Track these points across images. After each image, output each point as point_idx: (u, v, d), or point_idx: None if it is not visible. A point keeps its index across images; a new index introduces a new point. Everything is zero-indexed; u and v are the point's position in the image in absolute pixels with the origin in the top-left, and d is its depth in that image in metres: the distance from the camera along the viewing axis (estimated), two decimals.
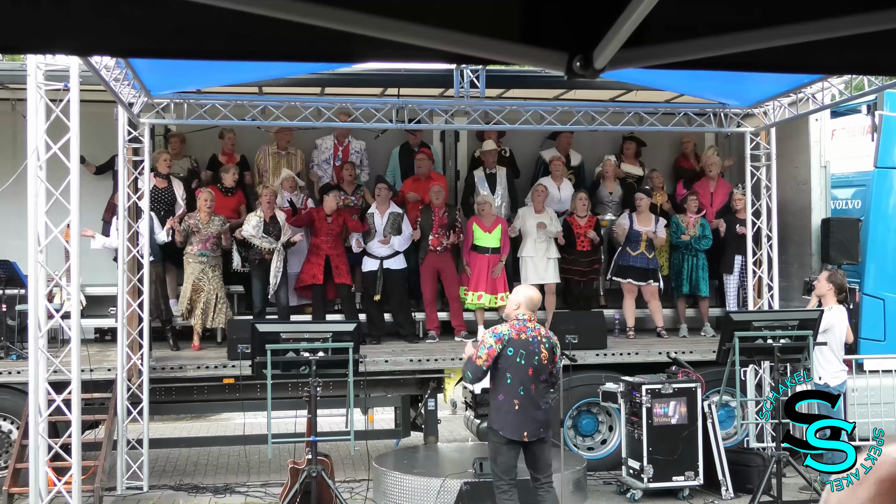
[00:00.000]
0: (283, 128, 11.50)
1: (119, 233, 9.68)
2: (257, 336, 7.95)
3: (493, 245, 11.63)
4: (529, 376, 7.25)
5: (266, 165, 12.18)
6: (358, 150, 12.47)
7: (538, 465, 7.42)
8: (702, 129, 11.31)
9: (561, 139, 12.89)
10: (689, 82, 9.92)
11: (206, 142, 12.23)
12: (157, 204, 11.07)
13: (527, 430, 7.25)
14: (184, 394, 10.32)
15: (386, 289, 11.57)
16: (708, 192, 12.46)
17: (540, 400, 7.33)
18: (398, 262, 11.68)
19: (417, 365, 10.46)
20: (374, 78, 11.23)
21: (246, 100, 10.09)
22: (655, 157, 13.42)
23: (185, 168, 12.08)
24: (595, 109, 10.70)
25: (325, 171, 12.37)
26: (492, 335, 7.32)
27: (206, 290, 10.77)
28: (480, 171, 12.46)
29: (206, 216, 10.88)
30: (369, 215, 11.62)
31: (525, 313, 7.39)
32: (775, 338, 8.65)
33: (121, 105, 9.03)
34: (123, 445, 9.52)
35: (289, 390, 9.74)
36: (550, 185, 12.42)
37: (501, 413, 7.28)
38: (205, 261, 10.82)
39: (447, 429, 12.47)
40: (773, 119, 10.52)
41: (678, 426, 9.27)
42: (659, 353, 10.76)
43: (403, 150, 12.66)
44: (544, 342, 7.33)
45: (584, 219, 11.93)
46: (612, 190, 12.67)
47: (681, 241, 11.96)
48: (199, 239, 10.80)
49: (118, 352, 9.52)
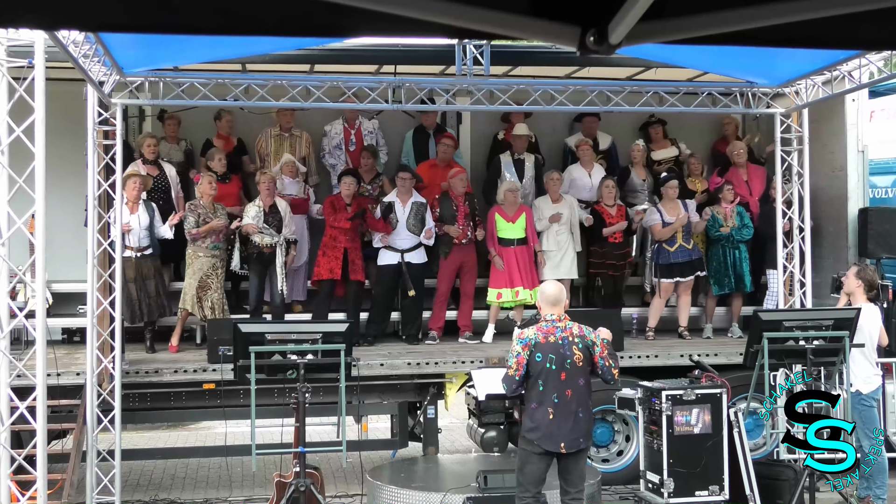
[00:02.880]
0: (284, 108, 11.50)
1: (88, 224, 9.68)
2: (240, 337, 7.95)
3: (518, 236, 11.65)
4: (563, 381, 7.30)
5: (268, 149, 12.20)
6: (371, 131, 12.52)
7: (571, 478, 7.45)
8: (727, 111, 11.31)
9: (586, 122, 12.91)
10: (713, 59, 9.91)
11: (200, 126, 12.26)
12: (151, 193, 11.09)
13: (564, 441, 7.31)
14: (159, 400, 10.33)
15: (404, 284, 11.59)
16: (742, 182, 12.44)
17: (578, 407, 7.37)
18: (419, 256, 11.71)
19: (416, 369, 10.48)
20: (369, 54, 11.24)
21: (228, 78, 10.07)
22: (691, 139, 13.41)
23: (180, 152, 12.11)
24: (610, 89, 10.69)
25: (337, 157, 12.38)
26: (518, 341, 7.41)
27: (213, 287, 10.79)
28: (508, 155, 12.49)
29: (211, 203, 10.89)
30: (388, 204, 11.61)
31: (553, 313, 7.44)
32: (808, 339, 8.64)
33: (90, 84, 9.02)
34: (93, 457, 9.52)
35: (275, 396, 9.74)
36: (580, 172, 12.47)
37: (536, 423, 7.35)
38: (217, 255, 10.87)
39: (448, 439, 12.48)
40: (806, 99, 10.50)
41: (701, 436, 9.26)
42: (681, 355, 10.77)
43: (417, 133, 12.68)
44: (577, 342, 7.38)
45: (614, 207, 11.96)
46: (644, 177, 12.72)
47: (720, 233, 11.94)
48: (210, 231, 10.82)
49: (88, 354, 9.50)
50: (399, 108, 10.54)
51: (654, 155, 12.98)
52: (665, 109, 11.00)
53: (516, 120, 12.50)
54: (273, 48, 9.84)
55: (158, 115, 12.23)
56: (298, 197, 11.89)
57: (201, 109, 11.68)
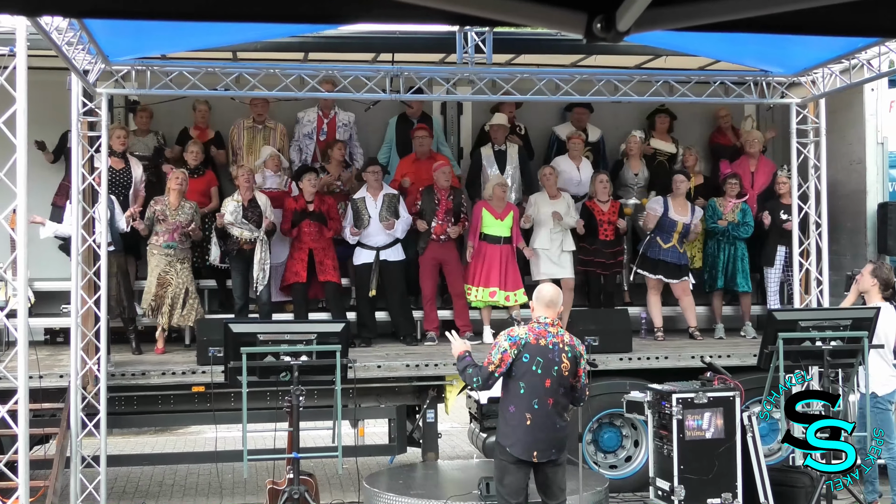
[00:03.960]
0: (257, 98, 11.46)
1: (73, 219, 9.66)
2: (231, 337, 7.95)
3: (504, 234, 11.61)
4: (546, 388, 7.24)
5: (241, 142, 12.16)
6: (346, 123, 12.46)
7: (549, 490, 7.41)
8: (741, 101, 11.30)
9: (576, 113, 12.89)
10: (726, 47, 9.90)
11: (176, 116, 12.23)
12: (113, 188, 11.05)
13: (537, 450, 7.24)
14: (147, 404, 10.32)
15: (382, 284, 11.57)
16: (748, 172, 12.45)
17: (556, 417, 7.31)
18: (396, 253, 11.68)
19: (415, 371, 10.47)
20: (365, 42, 11.23)
21: (218, 66, 10.06)
22: (686, 132, 13.42)
23: (150, 146, 12.07)
24: (618, 78, 10.69)
25: (307, 146, 12.35)
26: (507, 338, 7.32)
27: (173, 284, 10.78)
28: (488, 147, 12.45)
29: (176, 201, 10.86)
30: (359, 200, 11.58)
31: (547, 316, 7.38)
32: (825, 339, 8.64)
33: (74, 73, 9.02)
34: (78, 463, 9.53)
35: (267, 400, 9.75)
36: (568, 165, 12.42)
37: (511, 427, 7.28)
38: (172, 253, 10.83)
39: (448, 444, 12.50)
40: (823, 89, 10.50)
41: (714, 441, 9.26)
42: (692, 356, 10.77)
43: (401, 121, 12.64)
44: (566, 351, 7.31)
45: (606, 204, 11.93)
46: (637, 171, 12.67)
47: (717, 226, 11.95)
48: (166, 228, 10.79)
49: (71, 356, 9.51)
50: (397, 97, 10.53)
51: (652, 142, 12.94)
52: (676, 100, 10.99)
53: (509, 109, 12.46)
54: (265, 35, 9.83)
55: (128, 107, 12.19)
56: (280, 190, 11.88)
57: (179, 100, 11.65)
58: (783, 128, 12.01)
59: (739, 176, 12.17)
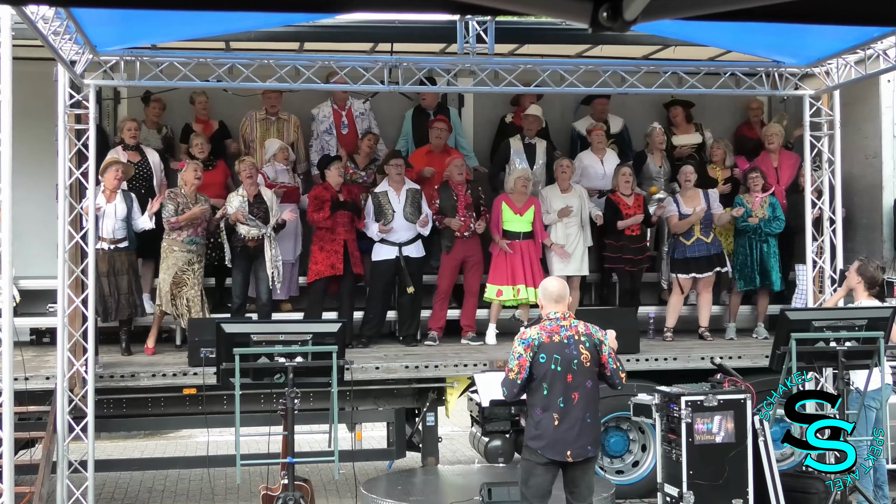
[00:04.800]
0: (270, 89, 11.49)
1: (59, 215, 9.66)
2: (224, 338, 7.94)
3: (524, 229, 11.65)
4: (569, 384, 7.27)
5: (253, 134, 12.18)
6: (363, 112, 12.54)
7: (578, 491, 7.43)
8: (752, 92, 11.30)
9: (596, 104, 12.90)
10: (737, 36, 9.90)
11: (185, 106, 12.26)
12: (132, 182, 11.08)
13: (570, 449, 7.27)
14: (136, 407, 10.32)
15: (400, 280, 11.60)
16: (771, 168, 12.44)
17: (586, 411, 7.34)
18: (417, 250, 11.72)
19: (414, 372, 10.48)
20: (363, 32, 11.23)
21: (210, 57, 10.05)
22: (712, 123, 13.40)
23: (158, 139, 12.10)
24: (625, 69, 10.67)
25: (328, 143, 12.36)
26: (520, 342, 7.37)
27: (189, 284, 10.78)
28: (518, 140, 12.48)
29: (193, 193, 10.88)
30: (381, 194, 11.58)
31: (557, 311, 7.41)
32: (839, 340, 8.63)
33: (61, 63, 9.02)
34: (64, 468, 9.53)
35: (261, 403, 9.74)
36: (591, 159, 12.44)
37: (541, 429, 7.32)
38: (194, 249, 10.86)
39: (449, 448, 12.50)
40: (837, 80, 10.50)
41: (724, 445, 9.26)
42: (701, 357, 10.78)
43: (417, 113, 12.66)
44: (583, 341, 7.35)
45: (630, 197, 11.94)
46: (661, 164, 12.70)
47: (748, 224, 11.93)
48: (189, 222, 10.80)
49: (58, 357, 9.50)
50: (396, 89, 10.52)
51: (674, 140, 12.95)
52: (685, 91, 10.98)
53: (528, 101, 12.48)
54: (259, 25, 9.83)
55: (143, 98, 12.20)
56: (290, 185, 11.88)
57: (181, 93, 11.69)
58: (796, 121, 12.01)
59: (760, 168, 12.16)
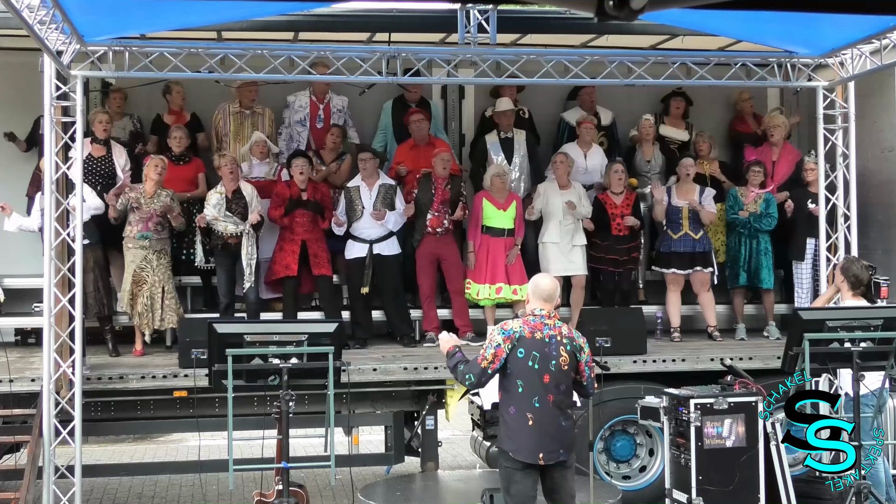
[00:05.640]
0: (247, 82, 11.46)
1: (46, 211, 9.64)
2: (216, 338, 7.94)
3: (507, 226, 11.64)
4: (545, 385, 7.25)
5: (226, 128, 12.15)
6: (340, 109, 12.48)
7: (558, 496, 7.41)
8: (764, 84, 11.30)
9: (583, 95, 12.88)
10: (748, 26, 9.90)
11: (153, 97, 12.20)
12: (92, 176, 11.05)
13: (543, 452, 7.25)
14: (125, 410, 10.31)
15: (376, 280, 11.56)
16: (769, 161, 12.44)
17: (560, 414, 7.32)
18: (391, 247, 11.68)
19: (413, 374, 10.47)
20: (360, 21, 11.21)
21: (201, 47, 10.04)
22: (702, 118, 13.41)
23: (125, 130, 12.06)
24: (632, 60, 10.66)
25: (299, 134, 12.34)
26: (500, 332, 7.33)
27: (149, 281, 10.78)
28: (494, 135, 12.45)
29: (153, 188, 10.85)
30: (353, 189, 11.58)
31: (542, 308, 7.39)
32: (854, 340, 8.62)
33: (47, 53, 9.01)
34: (51, 473, 9.53)
35: (254, 406, 9.75)
36: (575, 151, 12.39)
37: (513, 430, 7.29)
38: (147, 245, 10.82)
39: (449, 453, 12.51)
40: (852, 71, 10.50)
41: (735, 449, 9.26)
42: (711, 359, 10.79)
43: (397, 105, 12.63)
44: (565, 344, 7.32)
45: (620, 196, 11.92)
46: (650, 157, 12.67)
47: (738, 218, 11.95)
48: (140, 217, 10.80)
49: (44, 358, 9.51)
50: (393, 80, 10.50)
51: (662, 129, 12.93)
52: (693, 83, 10.96)
53: (504, 93, 12.44)
54: (252, 14, 9.82)
55: (101, 89, 12.17)
56: (267, 179, 11.86)
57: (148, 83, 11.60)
58: (809, 113, 12.00)
59: (764, 164, 12.16)
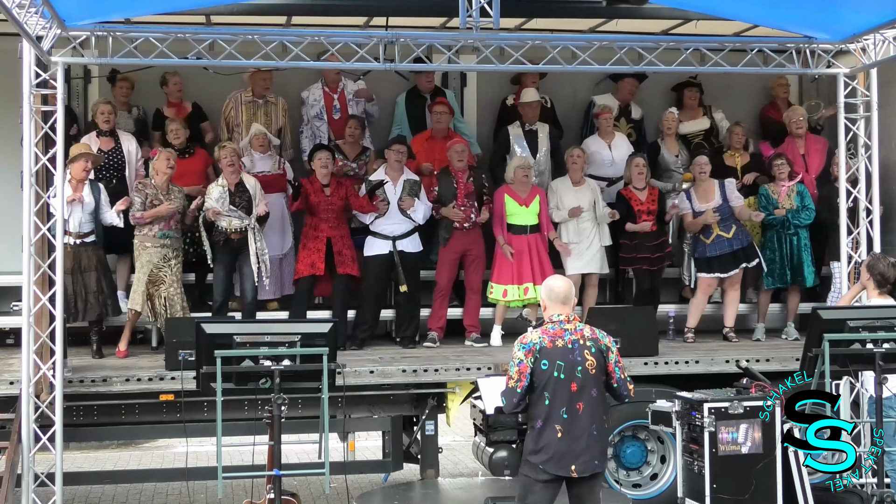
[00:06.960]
0: (259, 69, 11.45)
1: (25, 205, 9.62)
2: (204, 339, 7.92)
3: (531, 222, 11.66)
4: (573, 393, 7.21)
5: (238, 118, 12.15)
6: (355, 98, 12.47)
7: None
8: (781, 71, 11.27)
9: (624, 84, 12.86)
10: (765, 9, 9.89)
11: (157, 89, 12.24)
12: (103, 171, 11.05)
13: (575, 464, 7.21)
14: (108, 414, 10.30)
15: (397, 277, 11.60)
16: (797, 155, 12.41)
17: (592, 423, 7.28)
18: (414, 244, 11.74)
19: (412, 377, 10.45)
20: (356, 4, 11.20)
21: (189, 32, 10.00)
22: (732, 105, 13.38)
23: (130, 122, 12.06)
24: (643, 45, 10.63)
25: (318, 129, 12.33)
26: (520, 347, 7.31)
27: (166, 282, 10.79)
28: (517, 126, 12.45)
29: (165, 183, 10.86)
30: (379, 182, 11.59)
31: (561, 313, 7.35)
32: (876, 341, 8.61)
33: (26, 39, 9.00)
34: (30, 481, 9.52)
35: (245, 410, 9.74)
36: (598, 144, 12.42)
37: (542, 443, 7.25)
38: (168, 244, 10.84)
39: (450, 459, 12.50)
40: (874, 58, 10.47)
41: (751, 456, 9.26)
42: (726, 360, 10.79)
43: (411, 97, 12.65)
44: (589, 346, 7.29)
45: (644, 191, 11.94)
46: (677, 152, 12.68)
47: (775, 217, 11.92)
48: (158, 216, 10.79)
49: (23, 360, 9.49)
50: (391, 67, 10.46)
51: (682, 127, 12.93)
52: (708, 69, 10.95)
53: (530, 80, 12.43)
54: None
55: (108, 77, 12.16)
56: (272, 173, 11.85)
57: (156, 71, 11.63)
58: (829, 102, 11.98)
59: (785, 155, 12.13)
